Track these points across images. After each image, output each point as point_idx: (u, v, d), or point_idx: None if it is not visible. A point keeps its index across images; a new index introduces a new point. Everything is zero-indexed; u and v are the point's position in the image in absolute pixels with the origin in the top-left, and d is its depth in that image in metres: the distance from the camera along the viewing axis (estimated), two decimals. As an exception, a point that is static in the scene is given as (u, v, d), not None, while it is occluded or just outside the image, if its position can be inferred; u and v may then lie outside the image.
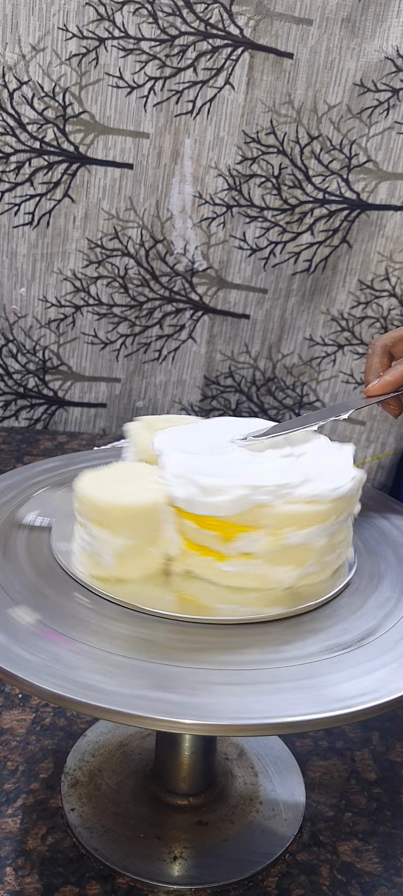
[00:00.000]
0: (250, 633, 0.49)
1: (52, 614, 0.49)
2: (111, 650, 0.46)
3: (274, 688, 0.44)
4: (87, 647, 0.46)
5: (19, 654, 0.44)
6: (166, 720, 0.41)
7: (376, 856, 0.58)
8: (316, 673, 0.46)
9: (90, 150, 1.16)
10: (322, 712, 0.42)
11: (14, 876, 0.55)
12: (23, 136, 1.14)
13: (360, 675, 0.46)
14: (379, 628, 0.50)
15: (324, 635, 0.49)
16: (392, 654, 0.48)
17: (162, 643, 0.48)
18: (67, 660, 0.44)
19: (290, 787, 0.63)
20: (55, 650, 0.45)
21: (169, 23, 1.11)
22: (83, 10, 1.10)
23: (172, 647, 0.47)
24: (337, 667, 0.46)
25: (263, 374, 1.32)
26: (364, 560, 0.58)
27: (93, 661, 0.45)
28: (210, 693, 0.43)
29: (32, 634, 0.46)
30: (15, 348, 1.26)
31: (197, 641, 0.48)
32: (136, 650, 0.46)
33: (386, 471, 1.32)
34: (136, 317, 1.26)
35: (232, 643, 0.48)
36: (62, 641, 0.46)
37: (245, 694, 0.44)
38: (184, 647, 0.47)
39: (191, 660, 0.46)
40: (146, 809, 0.60)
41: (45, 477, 0.66)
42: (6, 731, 0.67)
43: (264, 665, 0.46)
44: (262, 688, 0.44)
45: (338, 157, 1.19)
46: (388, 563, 0.58)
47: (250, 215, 1.22)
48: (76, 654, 0.45)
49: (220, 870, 0.56)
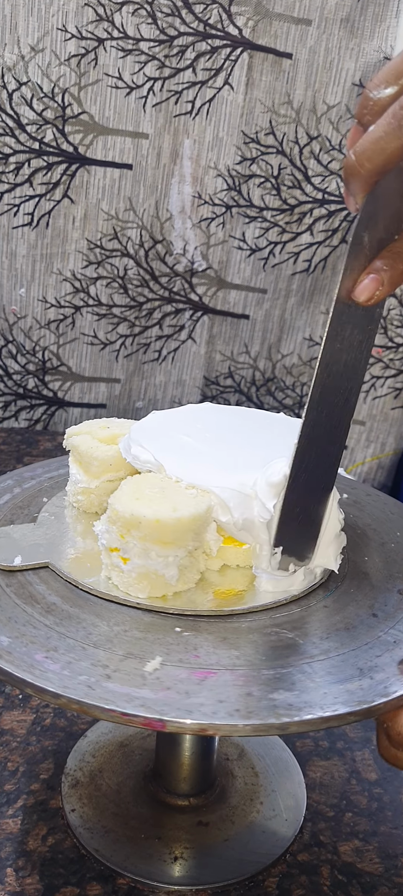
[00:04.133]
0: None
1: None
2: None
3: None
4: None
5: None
6: (166, 720, 0.41)
7: (376, 856, 0.58)
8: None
9: (89, 150, 1.16)
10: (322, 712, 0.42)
11: (15, 877, 0.55)
12: (22, 136, 1.14)
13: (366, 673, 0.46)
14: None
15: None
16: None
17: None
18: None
19: (291, 787, 0.63)
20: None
21: (168, 23, 1.11)
22: (82, 10, 1.10)
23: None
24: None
25: (263, 375, 1.32)
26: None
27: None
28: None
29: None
30: (14, 349, 1.26)
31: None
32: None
33: (386, 471, 1.32)
34: (136, 317, 1.26)
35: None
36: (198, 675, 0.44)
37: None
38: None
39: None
40: (146, 810, 0.60)
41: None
42: (6, 731, 0.67)
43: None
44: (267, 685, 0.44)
45: (338, 157, 1.19)
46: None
47: (249, 215, 1.22)
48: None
49: (221, 870, 0.56)
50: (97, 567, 0.52)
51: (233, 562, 0.53)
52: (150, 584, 0.49)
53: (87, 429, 0.62)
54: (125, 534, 0.49)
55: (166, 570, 0.49)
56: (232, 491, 0.51)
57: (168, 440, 0.58)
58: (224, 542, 0.53)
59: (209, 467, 0.54)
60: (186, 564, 0.50)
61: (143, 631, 0.47)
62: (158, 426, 0.61)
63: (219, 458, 0.56)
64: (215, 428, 0.62)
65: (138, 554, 0.49)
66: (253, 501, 0.51)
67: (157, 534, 0.48)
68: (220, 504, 0.51)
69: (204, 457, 0.56)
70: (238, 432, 0.62)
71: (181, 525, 0.49)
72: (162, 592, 0.50)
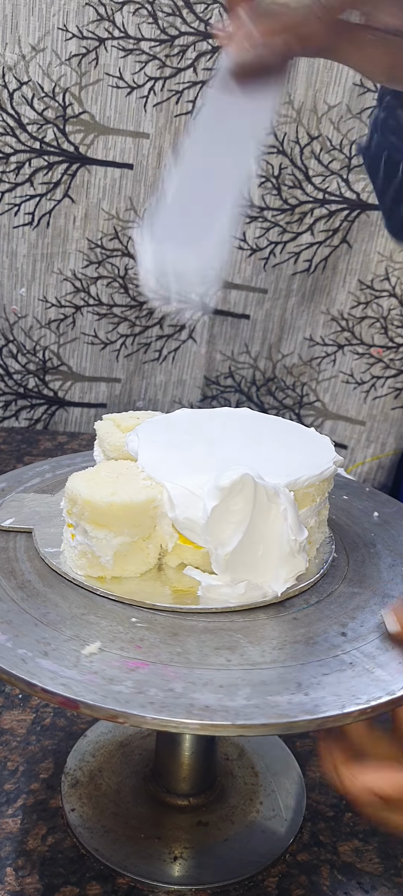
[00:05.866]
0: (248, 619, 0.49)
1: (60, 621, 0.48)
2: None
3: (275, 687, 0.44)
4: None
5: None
6: (166, 720, 0.41)
7: (376, 856, 0.58)
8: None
9: (90, 150, 1.16)
10: (322, 713, 0.42)
11: (14, 876, 0.55)
12: (23, 136, 1.14)
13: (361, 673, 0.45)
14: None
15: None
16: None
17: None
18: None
19: (290, 787, 0.63)
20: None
21: (169, 23, 1.11)
22: (83, 10, 1.10)
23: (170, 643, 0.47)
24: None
25: (263, 374, 1.32)
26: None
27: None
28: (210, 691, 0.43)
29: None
30: (15, 348, 1.26)
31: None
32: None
33: (386, 471, 1.32)
34: (136, 317, 1.26)
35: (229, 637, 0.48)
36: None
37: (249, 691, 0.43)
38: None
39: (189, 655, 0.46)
40: (146, 809, 0.60)
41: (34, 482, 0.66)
42: (6, 731, 0.67)
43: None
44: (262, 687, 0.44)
45: (338, 157, 1.19)
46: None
47: (250, 215, 1.22)
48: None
49: (221, 870, 0.56)
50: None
51: (192, 562, 0.52)
52: (87, 563, 0.51)
53: (119, 418, 0.63)
54: (70, 509, 0.51)
55: (102, 553, 0.50)
56: (183, 488, 0.50)
57: (164, 435, 0.59)
58: (181, 541, 0.52)
59: (177, 465, 0.54)
60: (124, 552, 0.50)
61: (100, 617, 0.48)
62: (172, 422, 0.62)
63: (197, 458, 0.55)
64: (220, 430, 0.61)
65: (80, 532, 0.50)
66: (200, 502, 0.50)
67: (89, 514, 0.49)
68: (168, 499, 0.51)
69: (183, 455, 0.56)
70: (238, 437, 0.61)
71: (112, 509, 0.49)
72: (97, 574, 0.51)
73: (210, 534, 0.49)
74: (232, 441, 0.60)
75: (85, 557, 0.51)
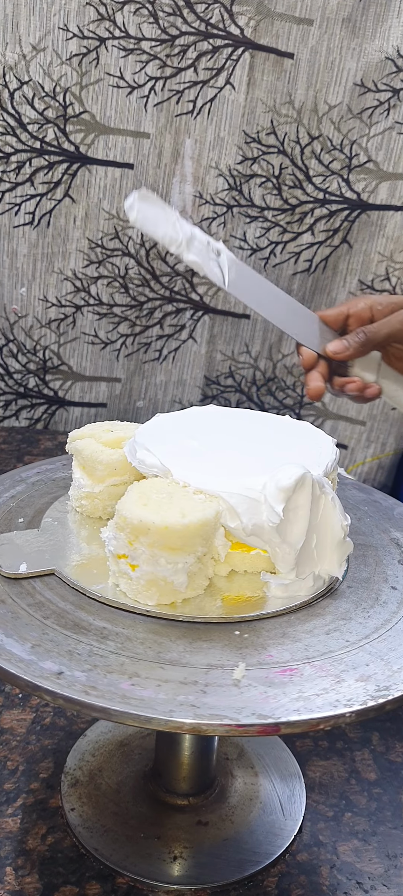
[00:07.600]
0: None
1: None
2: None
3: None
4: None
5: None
6: (166, 720, 0.41)
7: (376, 856, 0.58)
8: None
9: (91, 150, 1.16)
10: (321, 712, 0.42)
11: (14, 875, 0.55)
12: (23, 135, 1.14)
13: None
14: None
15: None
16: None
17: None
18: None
19: (290, 787, 0.63)
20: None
21: (169, 23, 1.11)
22: (84, 9, 1.10)
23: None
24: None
25: (263, 374, 1.32)
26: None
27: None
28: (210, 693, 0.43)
29: None
30: (15, 348, 1.26)
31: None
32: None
33: (386, 471, 1.32)
34: (137, 317, 1.26)
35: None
36: None
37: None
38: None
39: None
40: (146, 809, 0.60)
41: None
42: (6, 730, 0.67)
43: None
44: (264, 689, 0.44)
45: (339, 157, 1.19)
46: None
47: (250, 215, 1.22)
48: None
49: (220, 870, 0.56)
50: (104, 573, 0.52)
51: (241, 567, 0.53)
52: (159, 591, 0.49)
53: (90, 432, 0.61)
54: (133, 540, 0.49)
55: (175, 577, 0.49)
56: (241, 496, 0.51)
57: (174, 444, 0.58)
58: (231, 548, 0.52)
59: (216, 471, 0.54)
60: (195, 571, 0.50)
61: (204, 640, 0.47)
62: (163, 429, 0.60)
63: (225, 461, 0.56)
64: (220, 431, 0.62)
65: (147, 561, 0.48)
66: (262, 506, 0.51)
67: (166, 540, 0.48)
68: (229, 509, 0.51)
69: (210, 461, 0.56)
70: (242, 435, 0.62)
71: (189, 531, 0.48)
72: (170, 599, 0.49)
73: (280, 535, 0.50)
74: (247, 440, 0.60)
75: (155, 586, 0.49)
